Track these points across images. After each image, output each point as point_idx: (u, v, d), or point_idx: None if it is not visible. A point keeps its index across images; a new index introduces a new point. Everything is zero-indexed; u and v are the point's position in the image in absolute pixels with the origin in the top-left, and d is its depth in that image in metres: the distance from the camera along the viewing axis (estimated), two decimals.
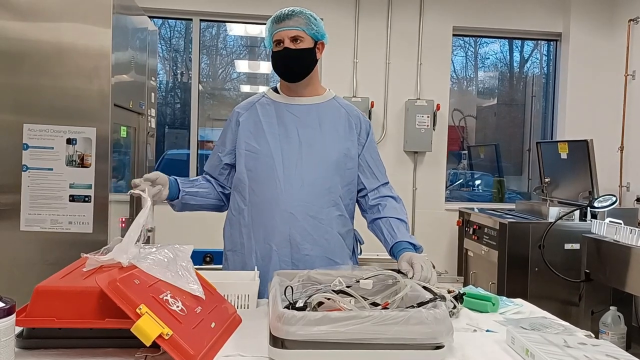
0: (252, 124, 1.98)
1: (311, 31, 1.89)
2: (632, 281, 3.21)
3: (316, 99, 2.00)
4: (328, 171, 1.94)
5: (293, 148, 1.93)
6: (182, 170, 5.07)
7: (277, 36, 1.88)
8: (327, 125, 1.97)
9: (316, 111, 1.98)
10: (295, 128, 1.95)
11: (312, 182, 1.91)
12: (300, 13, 1.89)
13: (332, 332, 1.24)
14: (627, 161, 4.54)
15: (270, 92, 2.04)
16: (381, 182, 2.04)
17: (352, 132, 2.00)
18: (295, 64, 1.90)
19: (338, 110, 2.02)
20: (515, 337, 1.37)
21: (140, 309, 1.19)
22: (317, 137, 1.95)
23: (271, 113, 1.98)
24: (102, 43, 2.50)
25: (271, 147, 1.93)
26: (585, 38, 4.87)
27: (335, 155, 1.95)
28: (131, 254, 1.36)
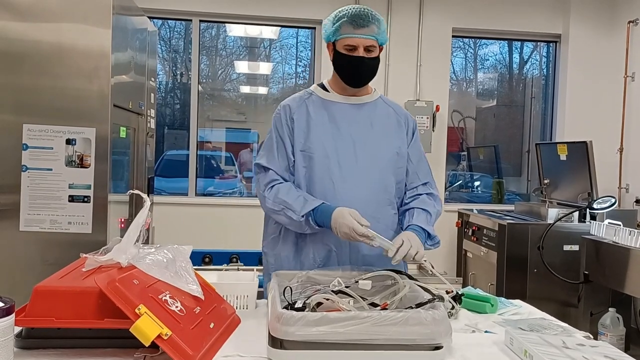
0: (304, 122, 1.93)
1: (381, 40, 1.89)
2: (631, 283, 3.21)
3: (365, 98, 1.99)
4: (383, 170, 1.94)
5: (347, 147, 1.91)
6: (181, 170, 5.07)
7: (352, 41, 1.85)
8: (378, 125, 1.97)
9: (367, 110, 1.97)
10: (348, 127, 1.93)
11: (369, 181, 1.91)
12: (376, 20, 1.87)
13: (331, 332, 1.24)
14: (627, 162, 4.54)
15: (318, 89, 2.00)
16: (421, 182, 2.01)
17: (401, 131, 2.00)
18: (366, 73, 1.91)
19: (386, 109, 2.02)
20: (514, 338, 1.37)
21: (139, 309, 1.19)
22: (370, 136, 1.94)
23: (322, 112, 1.94)
24: (102, 43, 2.50)
25: (325, 146, 1.90)
26: (584, 39, 4.87)
27: (388, 154, 1.95)
28: (130, 254, 1.36)
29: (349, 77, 1.92)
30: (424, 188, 2.02)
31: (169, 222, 4.37)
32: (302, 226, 1.83)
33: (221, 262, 3.19)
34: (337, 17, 1.88)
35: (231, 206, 4.83)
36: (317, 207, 1.80)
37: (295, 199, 1.83)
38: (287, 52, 5.59)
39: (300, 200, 1.83)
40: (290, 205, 1.82)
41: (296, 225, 1.85)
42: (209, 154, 5.64)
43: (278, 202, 1.85)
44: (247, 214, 4.72)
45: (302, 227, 1.84)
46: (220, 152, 5.77)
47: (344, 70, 1.91)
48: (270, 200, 1.88)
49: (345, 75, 1.92)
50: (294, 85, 5.62)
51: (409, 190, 2.01)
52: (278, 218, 1.89)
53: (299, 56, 5.61)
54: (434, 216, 1.96)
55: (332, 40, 1.90)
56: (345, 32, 1.85)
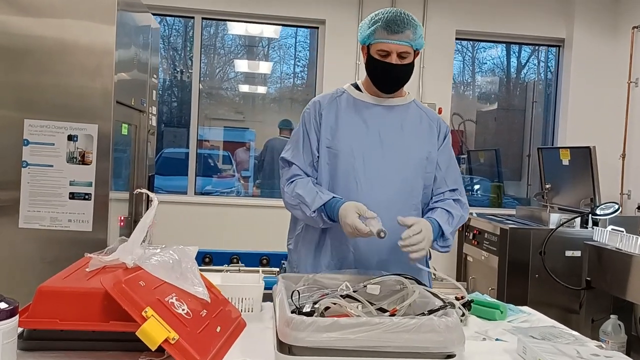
0: (333, 119, 1.90)
1: (417, 46, 1.85)
2: (633, 289, 3.19)
3: (398, 100, 1.96)
4: (410, 173, 1.90)
5: (374, 148, 1.88)
6: (178, 169, 5.04)
7: (385, 47, 1.81)
8: (409, 128, 1.93)
9: (398, 113, 1.94)
10: (377, 128, 1.90)
11: (394, 184, 1.87)
12: (412, 26, 1.82)
13: (342, 339, 1.21)
14: (629, 169, 4.53)
15: (351, 88, 1.97)
16: (449, 188, 1.97)
17: (432, 136, 1.96)
18: (397, 79, 1.87)
19: (419, 113, 1.98)
20: (527, 347, 1.34)
21: (146, 312, 1.16)
22: (399, 139, 1.91)
23: (353, 111, 1.92)
24: (106, 40, 2.47)
25: (352, 145, 1.87)
26: (588, 44, 4.86)
27: (417, 158, 1.91)
28: (136, 254, 1.33)
29: (380, 83, 1.89)
30: (451, 194, 1.97)
31: (168, 221, 4.32)
32: (317, 221, 1.81)
33: (222, 263, 3.15)
34: (372, 21, 1.85)
35: (231, 206, 4.79)
36: (328, 202, 1.78)
37: (309, 194, 1.81)
38: (286, 51, 5.56)
39: (313, 194, 1.80)
40: (304, 200, 1.80)
41: (311, 221, 1.83)
42: (207, 152, 5.61)
43: (295, 196, 1.84)
44: (248, 214, 4.70)
45: (317, 222, 1.82)
46: (218, 151, 5.74)
47: (375, 76, 1.88)
48: (288, 195, 1.87)
49: (376, 80, 1.89)
50: (291, 85, 5.60)
51: (435, 195, 1.97)
52: (296, 213, 1.88)
53: (298, 56, 5.58)
54: (456, 220, 1.90)
55: (367, 43, 1.87)
56: (379, 37, 1.81)
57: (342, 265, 1.88)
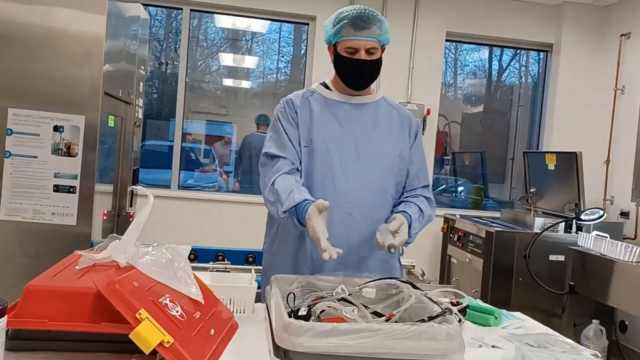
0: (307, 117, 1.88)
1: (383, 41, 1.85)
2: (615, 295, 3.22)
3: (368, 98, 1.95)
4: (384, 171, 1.90)
5: (349, 146, 1.87)
6: (161, 162, 4.96)
7: (353, 44, 1.80)
8: (381, 125, 1.92)
9: (370, 110, 1.93)
10: (351, 126, 1.89)
11: (370, 182, 1.87)
12: (378, 21, 1.82)
13: (341, 344, 1.18)
14: (612, 175, 4.58)
15: (320, 88, 1.96)
16: (421, 184, 1.98)
17: (404, 133, 1.96)
18: (368, 76, 1.87)
19: (390, 110, 1.97)
20: (525, 356, 1.33)
21: (140, 313, 1.12)
22: (372, 137, 1.90)
23: (325, 110, 1.90)
24: (96, 30, 2.40)
25: (328, 143, 1.85)
26: (576, 50, 4.90)
27: (390, 155, 1.91)
28: (129, 253, 1.28)
29: (351, 80, 1.88)
30: (423, 190, 1.98)
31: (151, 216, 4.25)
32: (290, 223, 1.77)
33: (207, 260, 3.10)
34: (337, 19, 1.84)
35: (215, 201, 4.73)
36: (299, 205, 1.70)
37: (285, 191, 1.74)
38: (269, 46, 5.50)
39: (288, 193, 1.73)
40: (280, 197, 1.74)
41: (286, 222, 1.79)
42: (189, 146, 5.54)
43: (273, 192, 1.78)
44: (233, 210, 4.64)
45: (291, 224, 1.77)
46: (200, 145, 5.67)
47: (345, 73, 1.88)
48: (268, 190, 1.81)
49: (346, 78, 1.88)
50: (274, 81, 5.55)
51: (407, 191, 1.97)
52: (272, 210, 1.83)
53: (281, 52, 5.53)
54: (425, 218, 1.91)
55: (333, 42, 1.86)
56: (346, 35, 1.81)
57: (322, 265, 1.83)
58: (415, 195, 1.95)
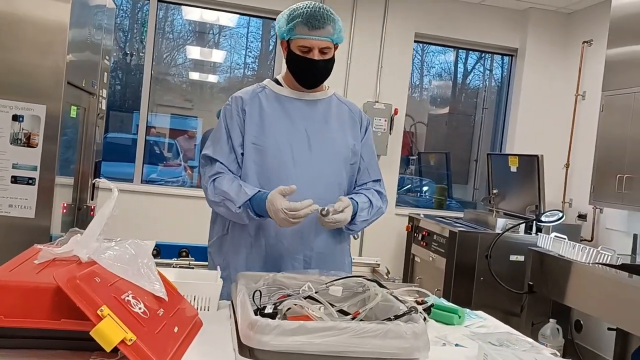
0: (256, 114, 1.87)
1: (337, 40, 1.86)
2: (572, 295, 3.31)
3: (320, 94, 1.95)
4: (337, 166, 1.91)
5: (302, 143, 1.87)
6: (122, 154, 4.86)
7: (306, 43, 1.80)
8: (333, 121, 1.93)
9: (321, 107, 1.94)
10: (303, 123, 1.89)
11: (324, 177, 1.87)
12: (332, 20, 1.82)
13: (308, 343, 1.18)
14: (571, 178, 4.71)
15: (271, 84, 1.95)
16: (372, 178, 1.99)
17: (355, 128, 1.97)
18: (320, 75, 1.87)
19: (340, 106, 1.99)
20: (488, 354, 1.35)
21: (102, 310, 1.08)
22: (324, 133, 1.90)
23: (276, 106, 1.89)
24: (61, 17, 2.32)
25: (279, 141, 1.85)
26: (540, 55, 5.01)
27: (341, 151, 1.92)
28: (92, 248, 1.24)
29: (303, 79, 1.88)
30: (374, 184, 2.00)
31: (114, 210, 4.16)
32: (242, 217, 1.78)
33: (170, 256, 3.05)
34: (291, 16, 1.82)
35: (179, 196, 4.66)
36: (254, 197, 1.75)
37: (234, 190, 1.78)
38: (237, 41, 5.45)
39: (238, 190, 1.77)
40: (229, 196, 1.77)
41: (237, 217, 1.80)
42: (153, 139, 5.44)
43: (219, 193, 1.80)
44: (196, 206, 4.55)
45: (243, 219, 1.79)
46: (164, 139, 5.58)
47: (297, 72, 1.87)
48: (211, 192, 1.83)
49: (299, 77, 1.88)
50: (242, 76, 5.50)
51: (358, 185, 1.99)
52: (220, 210, 1.84)
53: (249, 47, 5.49)
54: (374, 209, 1.92)
55: (286, 39, 1.85)
56: (300, 33, 1.80)
57: (278, 265, 1.85)
58: (366, 188, 1.98)
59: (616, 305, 2.94)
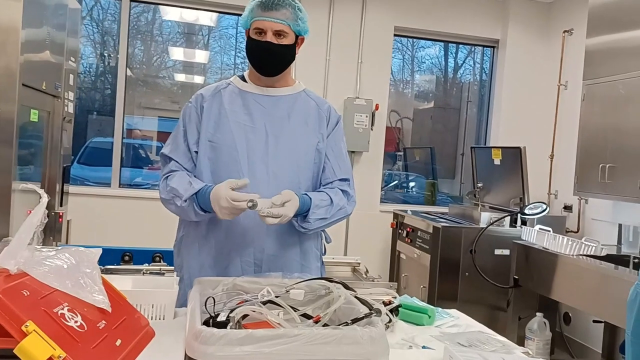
0: (215, 111, 1.81)
1: (296, 27, 1.79)
2: (558, 288, 3.25)
3: (286, 90, 1.88)
4: (296, 165, 1.82)
5: (259, 140, 1.80)
6: (107, 159, 4.76)
7: (260, 24, 1.75)
8: (297, 118, 1.85)
9: (285, 103, 1.87)
10: (263, 119, 1.82)
11: (280, 176, 1.79)
12: (290, 5, 1.76)
13: (257, 352, 1.10)
14: (556, 169, 4.65)
15: (237, 80, 1.90)
16: (338, 177, 1.88)
17: (322, 126, 1.88)
18: (274, 60, 1.80)
19: (307, 102, 1.90)
20: (453, 356, 1.27)
21: (27, 326, 1.01)
22: (286, 130, 1.83)
23: (237, 102, 1.83)
24: (11, 16, 2.22)
25: (235, 137, 1.78)
26: (521, 46, 4.95)
27: (303, 149, 1.84)
28: (22, 258, 1.15)
29: (258, 64, 1.82)
30: (340, 183, 1.88)
31: (88, 216, 4.07)
32: (188, 213, 1.73)
33: (143, 261, 2.95)
34: (251, 3, 1.79)
35: (157, 200, 4.52)
36: (200, 190, 1.70)
37: (182, 185, 1.73)
38: (226, 42, 5.37)
39: (186, 185, 1.73)
40: (177, 192, 1.72)
41: (184, 213, 1.75)
42: (138, 142, 5.34)
43: (169, 190, 1.76)
44: None
45: (189, 214, 1.73)
46: (151, 142, 5.49)
47: (252, 56, 1.81)
48: (163, 189, 1.79)
49: (254, 61, 1.82)
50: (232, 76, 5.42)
51: (323, 185, 1.88)
52: (170, 208, 1.79)
53: (239, 47, 5.41)
54: (335, 208, 1.80)
55: (247, 27, 1.81)
56: (255, 15, 1.76)
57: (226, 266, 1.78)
58: (330, 187, 1.87)
59: (601, 298, 2.89)
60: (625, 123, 3.23)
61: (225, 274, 1.74)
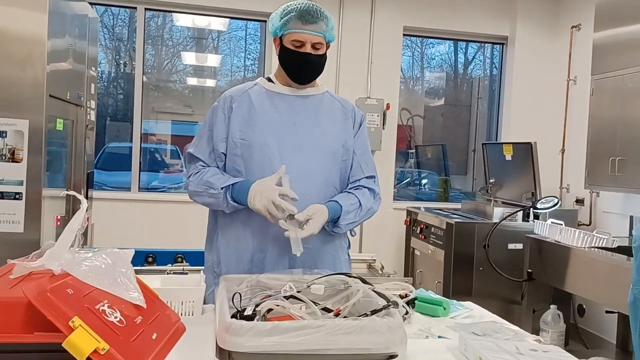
0: (245, 111, 1.88)
1: (329, 37, 1.87)
2: (571, 280, 3.31)
3: (312, 90, 1.96)
4: (326, 161, 1.90)
5: (290, 137, 1.87)
6: (124, 164, 4.87)
7: (299, 37, 1.82)
8: (324, 116, 1.93)
9: (313, 102, 1.94)
10: (292, 117, 1.89)
11: (311, 173, 1.86)
12: (325, 17, 1.84)
13: (283, 343, 1.18)
14: (568, 163, 4.69)
15: (263, 81, 1.96)
16: (365, 175, 1.97)
17: (347, 124, 1.97)
18: (313, 70, 1.88)
19: (332, 102, 1.99)
20: (467, 344, 1.35)
21: (73, 321, 1.09)
22: (315, 127, 1.90)
23: (266, 101, 1.90)
24: (38, 29, 2.33)
25: (266, 136, 1.85)
26: (530, 42, 4.99)
27: (333, 146, 1.91)
28: (64, 260, 1.25)
29: (295, 74, 1.89)
30: (367, 181, 1.98)
31: (110, 220, 4.18)
32: (220, 202, 1.80)
33: (165, 262, 3.06)
34: (285, 12, 1.84)
35: (176, 202, 4.67)
36: (237, 183, 1.78)
37: (217, 177, 1.82)
38: (236, 44, 5.47)
39: (221, 177, 1.82)
40: (212, 184, 1.81)
41: (215, 202, 1.82)
42: (153, 147, 5.45)
43: (202, 183, 1.83)
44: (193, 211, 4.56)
45: (221, 203, 1.81)
46: (166, 145, 5.60)
47: (290, 66, 1.88)
48: (194, 183, 1.86)
49: (291, 71, 1.89)
50: (242, 79, 5.51)
51: (351, 182, 1.97)
52: (201, 199, 1.86)
53: (248, 49, 5.50)
54: (364, 211, 1.91)
55: (279, 34, 1.87)
56: (293, 28, 1.82)
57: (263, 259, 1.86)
58: (357, 187, 1.96)
59: (614, 289, 2.93)
60: (634, 116, 3.27)
61: (262, 267, 1.82)
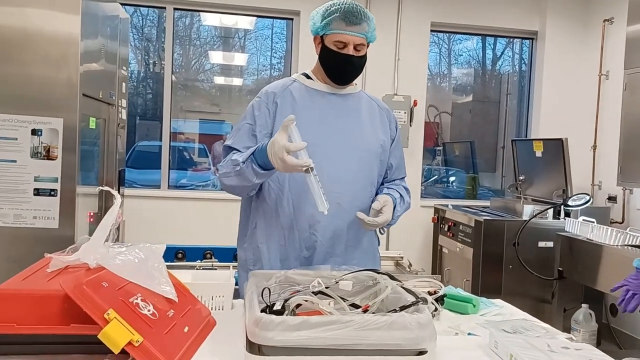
0: (289, 107, 1.86)
1: (370, 38, 1.88)
2: (603, 279, 3.24)
3: (350, 89, 1.97)
4: (369, 161, 1.92)
5: (334, 136, 1.87)
6: (153, 162, 4.95)
7: (343, 38, 1.82)
8: (364, 116, 1.94)
9: (352, 101, 1.95)
10: (334, 116, 1.90)
11: (357, 172, 1.88)
12: (368, 18, 1.85)
13: (312, 337, 1.19)
14: (599, 160, 4.59)
15: (302, 78, 1.96)
16: (401, 176, 2.05)
17: (384, 125, 1.98)
18: (354, 71, 1.89)
19: (370, 102, 2.00)
20: (498, 342, 1.34)
21: (109, 314, 1.12)
22: (357, 127, 1.92)
23: (307, 98, 1.90)
24: (71, 30, 2.39)
25: (311, 134, 1.80)
26: (560, 37, 4.90)
27: (372, 144, 1.93)
28: (99, 254, 1.28)
29: (336, 75, 1.89)
30: (402, 182, 2.05)
31: (141, 216, 4.26)
32: (248, 175, 1.72)
33: (195, 258, 3.10)
34: (328, 11, 1.84)
35: (205, 200, 4.72)
36: (255, 149, 1.71)
37: (240, 155, 1.76)
38: (262, 43, 5.50)
39: (245, 154, 1.75)
40: (236, 160, 1.75)
41: (244, 178, 1.74)
42: (182, 145, 5.53)
43: (229, 163, 1.78)
44: (222, 208, 4.62)
45: (250, 176, 1.73)
46: (193, 144, 5.67)
47: (331, 67, 1.88)
48: (222, 167, 1.81)
49: (332, 72, 1.89)
50: (268, 77, 5.55)
51: (387, 181, 2.02)
52: (230, 181, 1.79)
53: (274, 47, 5.52)
54: (405, 204, 1.98)
55: (321, 34, 1.86)
56: (337, 28, 1.82)
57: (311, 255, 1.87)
58: (395, 184, 2.01)
59: None
60: None
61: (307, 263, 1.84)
